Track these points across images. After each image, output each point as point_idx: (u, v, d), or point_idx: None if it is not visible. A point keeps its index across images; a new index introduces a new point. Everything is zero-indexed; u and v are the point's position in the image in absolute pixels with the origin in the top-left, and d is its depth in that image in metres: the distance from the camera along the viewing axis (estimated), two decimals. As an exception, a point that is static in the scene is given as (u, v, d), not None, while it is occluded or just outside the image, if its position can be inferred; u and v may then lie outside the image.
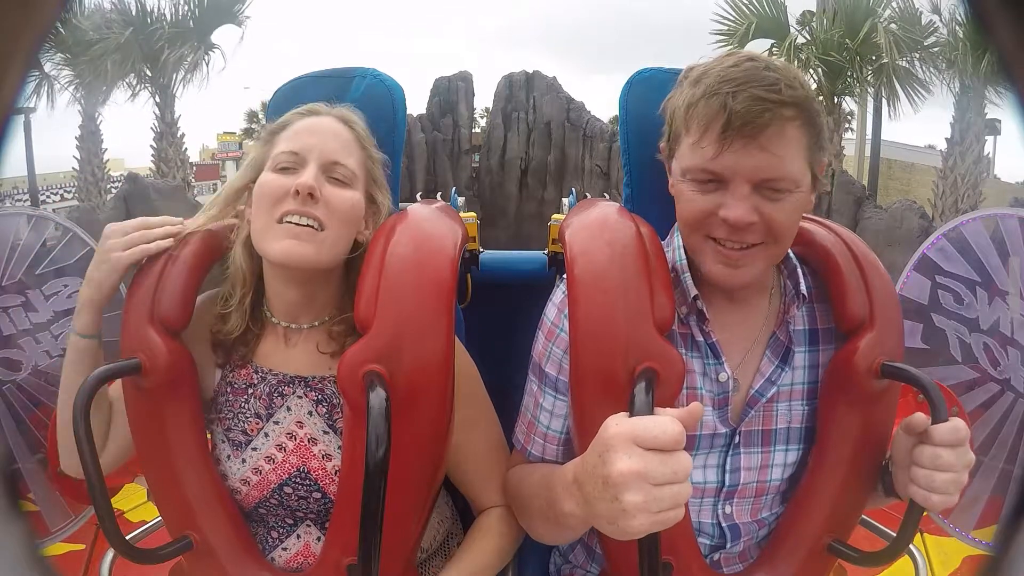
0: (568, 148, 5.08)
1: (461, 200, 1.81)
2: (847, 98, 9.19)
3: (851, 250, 1.05)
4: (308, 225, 0.97)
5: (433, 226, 1.08)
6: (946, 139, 8.30)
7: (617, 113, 1.27)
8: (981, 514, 2.06)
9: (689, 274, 1.01)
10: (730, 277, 0.96)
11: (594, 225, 1.04)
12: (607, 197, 1.49)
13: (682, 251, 1.03)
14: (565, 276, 1.02)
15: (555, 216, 1.68)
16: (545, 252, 1.66)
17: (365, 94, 1.19)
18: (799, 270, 1.03)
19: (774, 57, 0.99)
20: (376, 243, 1.01)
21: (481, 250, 1.62)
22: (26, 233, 2.13)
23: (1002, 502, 2.06)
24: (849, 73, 8.65)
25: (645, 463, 0.73)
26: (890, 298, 1.04)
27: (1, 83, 0.31)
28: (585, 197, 1.52)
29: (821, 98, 8.75)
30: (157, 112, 9.46)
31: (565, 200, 1.82)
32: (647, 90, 1.11)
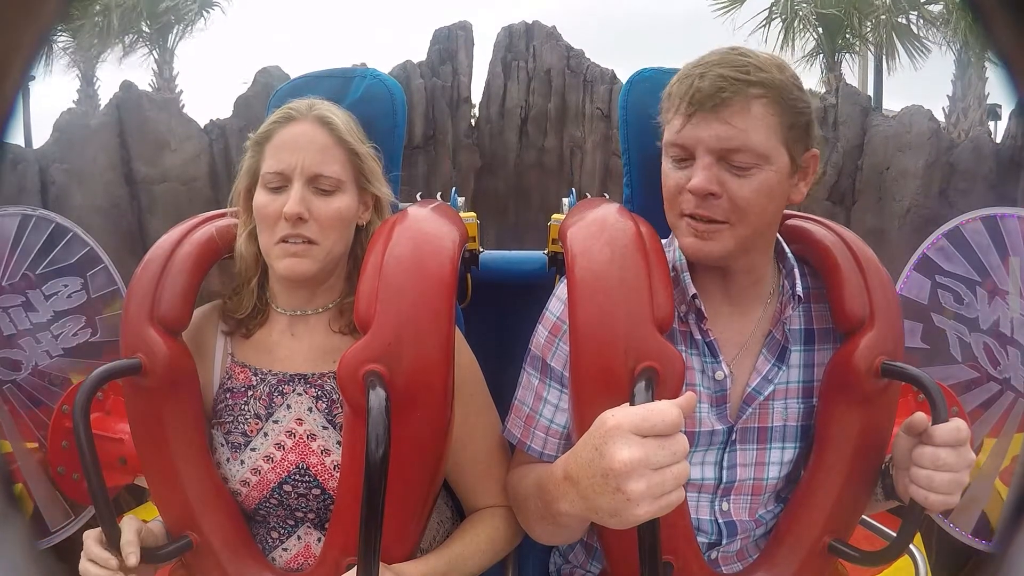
0: (569, 95, 5.04)
1: (461, 200, 1.80)
2: (847, 58, 9.08)
3: (851, 249, 1.05)
4: (303, 242, 1.03)
5: (433, 226, 1.08)
6: (948, 96, 8.16)
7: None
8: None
9: (688, 273, 1.02)
10: (700, 248, 0.97)
11: (594, 225, 1.04)
12: (607, 196, 1.48)
13: (682, 250, 1.03)
14: (565, 276, 1.02)
15: (555, 216, 1.67)
16: (545, 252, 1.66)
17: (365, 94, 1.19)
18: (796, 271, 1.03)
19: (762, 50, 0.99)
20: (375, 243, 1.01)
21: (481, 250, 1.62)
22: (26, 233, 2.13)
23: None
24: (848, 30, 8.55)
25: (646, 450, 0.75)
26: (890, 297, 1.04)
27: (1, 83, 0.31)
28: (585, 197, 1.52)
29: (821, 55, 8.67)
30: (155, 68, 9.43)
31: (565, 200, 1.82)
32: (647, 90, 1.11)
